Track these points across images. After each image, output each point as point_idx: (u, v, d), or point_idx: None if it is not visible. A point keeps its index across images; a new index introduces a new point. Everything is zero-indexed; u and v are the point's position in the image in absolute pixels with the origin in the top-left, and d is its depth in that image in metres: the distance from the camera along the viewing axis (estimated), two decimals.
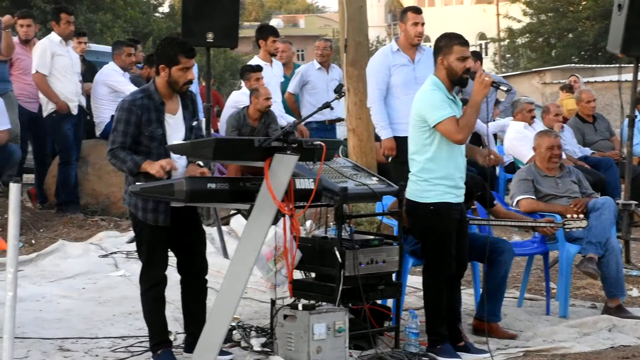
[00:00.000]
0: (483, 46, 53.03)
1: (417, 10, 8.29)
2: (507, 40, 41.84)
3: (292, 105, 11.74)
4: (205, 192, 5.67)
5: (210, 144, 5.66)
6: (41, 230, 9.68)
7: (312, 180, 5.98)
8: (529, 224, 7.28)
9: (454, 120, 6.12)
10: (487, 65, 45.29)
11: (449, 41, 6.27)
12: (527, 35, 39.16)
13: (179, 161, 5.90)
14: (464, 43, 6.27)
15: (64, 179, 10.42)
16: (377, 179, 6.74)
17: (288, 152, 5.76)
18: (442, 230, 6.20)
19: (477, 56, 13.00)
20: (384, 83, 8.37)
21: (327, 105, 6.17)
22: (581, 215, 7.06)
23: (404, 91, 8.24)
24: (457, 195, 6.25)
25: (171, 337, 6.12)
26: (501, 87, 6.50)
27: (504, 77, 30.42)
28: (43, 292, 7.75)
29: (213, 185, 5.71)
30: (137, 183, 5.73)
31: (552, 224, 7.05)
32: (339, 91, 6.27)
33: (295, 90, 11.78)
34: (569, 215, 7.06)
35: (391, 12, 64.93)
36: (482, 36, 52.78)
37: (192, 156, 5.84)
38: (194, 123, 6.03)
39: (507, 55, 45.09)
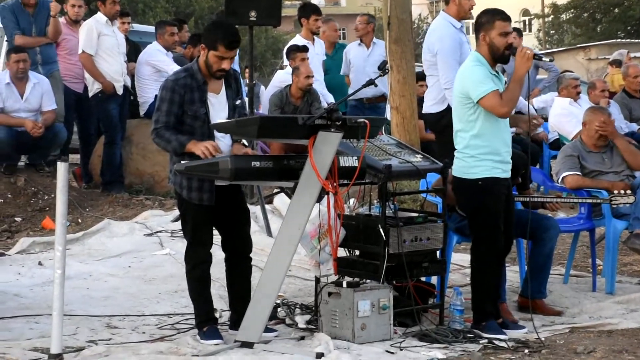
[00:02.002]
0: (527, 22, 52.50)
1: None
2: (552, 16, 41.44)
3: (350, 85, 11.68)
4: (250, 170, 5.74)
5: (255, 122, 5.72)
6: (87, 209, 9.76)
7: (356, 158, 6.02)
8: (575, 200, 7.24)
9: (498, 94, 6.09)
10: (531, 41, 44.85)
11: (491, 17, 6.23)
12: (572, 10, 38.82)
13: (223, 140, 5.92)
14: (506, 18, 6.23)
15: (108, 159, 10.50)
16: (422, 156, 6.74)
17: (332, 129, 5.81)
18: (491, 205, 6.17)
19: (518, 32, 12.91)
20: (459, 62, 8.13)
21: (370, 82, 6.16)
22: (628, 191, 7.00)
23: None
24: (504, 170, 6.22)
25: (216, 315, 6.17)
26: (543, 59, 6.47)
27: (548, 53, 30.21)
28: (90, 271, 7.85)
29: (257, 164, 5.77)
30: (182, 162, 5.78)
31: (598, 200, 7.01)
32: (382, 68, 6.23)
33: (345, 71, 11.75)
34: (615, 191, 7.01)
35: None
36: (525, 12, 52.19)
37: (236, 134, 5.87)
38: (237, 102, 6.03)
39: (552, 32, 44.59)
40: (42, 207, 9.60)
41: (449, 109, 7.76)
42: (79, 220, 9.46)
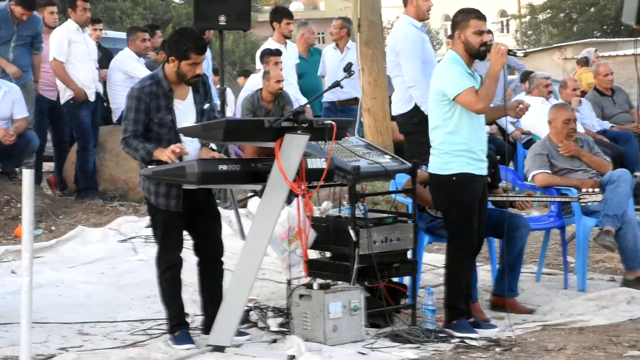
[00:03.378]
0: (504, 23, 52.72)
1: None
2: (529, 17, 41.64)
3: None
4: (217, 174, 5.74)
5: (221, 126, 5.72)
6: (60, 216, 9.70)
7: (324, 159, 6.02)
8: (543, 199, 7.27)
9: (473, 90, 6.12)
10: (509, 41, 45.00)
11: (466, 15, 6.27)
12: (549, 10, 38.99)
13: (191, 144, 5.91)
14: (481, 17, 6.27)
15: (82, 166, 10.45)
16: (390, 157, 6.78)
17: (299, 132, 5.82)
18: (465, 201, 6.20)
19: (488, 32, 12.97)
20: (421, 60, 8.11)
21: (336, 84, 6.18)
22: (597, 189, 7.03)
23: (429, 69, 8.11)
24: (479, 168, 6.24)
25: (188, 319, 6.15)
26: (518, 54, 6.53)
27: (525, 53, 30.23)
28: (63, 278, 7.80)
29: (225, 167, 5.78)
30: (149, 167, 5.78)
31: (567, 199, 7.05)
32: (348, 70, 6.25)
33: (322, 72, 11.75)
34: (584, 190, 7.04)
35: None
36: (503, 13, 52.41)
37: (203, 138, 5.86)
38: (206, 106, 6.01)
39: (529, 32, 44.78)
40: (15, 215, 9.53)
41: (416, 108, 7.83)
42: (52, 228, 9.41)
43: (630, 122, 11.53)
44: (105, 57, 11.43)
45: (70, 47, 10.33)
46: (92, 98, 10.46)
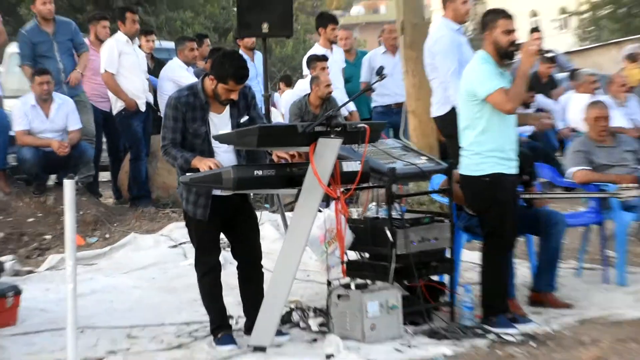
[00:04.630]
0: (565, 20, 52.16)
1: None
2: (589, 13, 41.20)
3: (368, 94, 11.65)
4: (252, 179, 5.85)
5: (254, 132, 5.81)
6: (115, 224, 9.89)
7: (358, 162, 6.10)
8: (580, 195, 7.29)
9: (504, 90, 6.16)
10: (570, 39, 44.58)
11: (495, 16, 6.33)
12: (609, 6, 38.57)
13: (225, 155, 6.01)
14: (508, 17, 6.31)
15: (135, 174, 10.66)
16: (427, 158, 6.83)
17: (332, 135, 5.89)
18: (500, 200, 6.24)
19: (536, 30, 13.02)
20: (457, 61, 8.07)
21: (368, 88, 6.28)
22: (635, 184, 7.04)
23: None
24: (510, 167, 6.28)
25: (232, 322, 6.28)
26: (547, 55, 6.52)
27: (584, 50, 30.01)
28: (115, 284, 7.98)
29: (260, 172, 5.88)
30: (187, 174, 5.92)
31: (604, 195, 7.07)
32: (379, 73, 6.35)
33: (366, 78, 11.68)
34: (622, 185, 7.05)
35: None
36: (563, 10, 51.86)
37: (237, 145, 5.96)
38: (244, 119, 6.05)
39: (591, 28, 44.24)
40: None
41: (453, 110, 7.87)
42: (107, 236, 9.59)
43: None
44: (158, 67, 11.60)
45: (120, 59, 10.54)
46: (142, 108, 10.69)
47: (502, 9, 6.45)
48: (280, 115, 13.15)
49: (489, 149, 6.23)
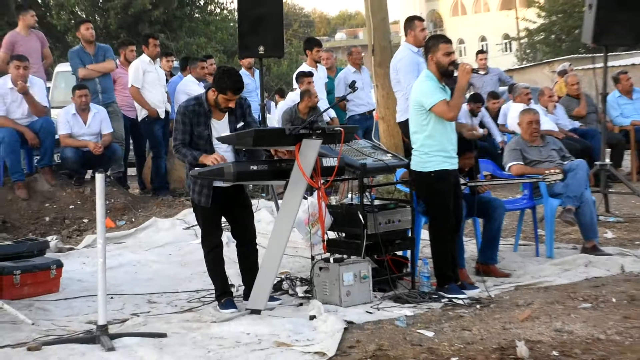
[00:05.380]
0: (507, 44, 52.27)
1: (420, 19, 8.22)
2: (526, 38, 41.34)
3: (342, 107, 11.53)
4: (249, 172, 5.80)
5: (250, 134, 5.76)
6: (140, 210, 9.81)
7: (335, 158, 6.05)
8: (513, 181, 7.28)
9: (446, 102, 6.10)
10: (511, 59, 44.64)
11: (436, 41, 6.25)
12: (542, 33, 38.74)
13: (226, 153, 5.94)
14: (448, 41, 6.25)
15: (156, 170, 10.62)
16: (392, 155, 6.76)
17: (313, 137, 5.84)
18: (442, 191, 6.18)
19: (480, 52, 13.00)
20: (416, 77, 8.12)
21: (343, 98, 6.23)
22: (557, 170, 6.98)
23: None
24: (452, 164, 6.22)
25: (233, 289, 6.22)
26: (479, 72, 6.46)
27: (522, 68, 30.00)
28: (139, 259, 7.92)
29: (255, 167, 5.83)
30: (196, 168, 5.85)
31: (534, 180, 7.06)
32: (352, 86, 6.29)
33: (342, 93, 11.60)
34: (546, 171, 7.00)
35: (432, 22, 64.12)
36: (506, 36, 51.97)
37: (237, 145, 5.90)
38: (240, 124, 5.98)
39: (528, 51, 44.32)
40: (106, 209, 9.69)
41: None
42: (132, 220, 9.51)
43: (597, 122, 11.41)
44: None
45: (144, 76, 10.50)
46: (162, 115, 10.64)
47: (442, 34, 6.43)
48: (275, 121, 13.07)
49: (434, 149, 6.16)
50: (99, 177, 5.34)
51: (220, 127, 5.95)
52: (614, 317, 5.31)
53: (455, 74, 6.19)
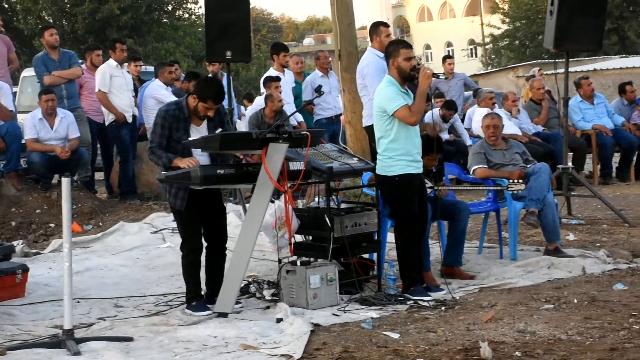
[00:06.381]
0: (473, 49, 52.67)
1: (385, 25, 8.26)
2: (491, 44, 41.68)
3: (310, 111, 11.47)
4: (216, 176, 5.78)
5: (217, 138, 5.74)
6: (107, 214, 9.74)
7: (302, 162, 6.05)
8: (479, 188, 7.32)
9: (408, 107, 6.11)
10: (476, 64, 45.00)
11: (396, 46, 6.26)
12: (506, 39, 39.09)
13: (201, 158, 5.92)
14: (408, 46, 6.27)
15: (123, 174, 10.53)
16: (358, 158, 6.79)
17: (280, 141, 5.84)
18: (406, 195, 6.19)
19: (448, 57, 13.14)
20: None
21: (309, 102, 6.23)
22: (520, 180, 7.07)
23: None
24: (416, 168, 6.23)
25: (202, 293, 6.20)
26: (440, 77, 6.48)
27: (487, 73, 30.23)
28: (106, 263, 7.84)
29: (222, 171, 5.81)
30: (162, 172, 5.83)
31: (498, 188, 7.11)
32: (318, 91, 6.30)
33: (309, 97, 11.60)
34: (510, 181, 7.07)
35: (399, 27, 64.44)
36: (471, 42, 52.37)
37: (204, 149, 5.87)
38: (218, 131, 5.97)
39: (493, 56, 44.70)
40: (72, 213, 9.61)
41: None
42: (100, 224, 9.43)
43: (560, 126, 11.53)
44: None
45: (111, 80, 10.42)
46: (129, 120, 10.55)
47: (402, 40, 6.47)
48: (244, 125, 13.03)
49: (398, 153, 6.16)
50: (65, 181, 5.30)
51: (198, 133, 5.93)
52: (576, 317, 5.37)
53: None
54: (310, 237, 6.49)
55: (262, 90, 11.17)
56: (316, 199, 7.62)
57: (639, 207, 9.71)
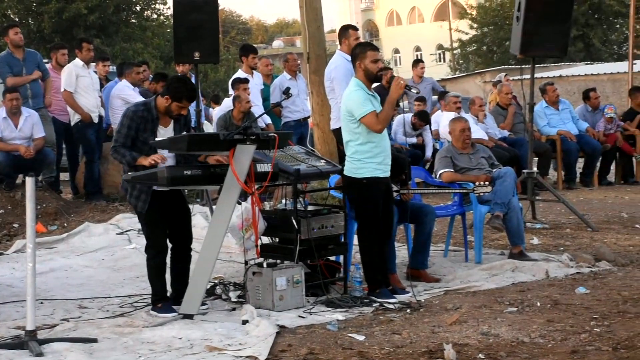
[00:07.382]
0: (441, 54, 52.99)
1: (354, 28, 8.27)
2: (459, 49, 41.98)
3: (278, 113, 11.51)
4: (183, 177, 5.75)
5: (185, 139, 5.73)
6: (72, 215, 9.66)
7: (269, 164, 6.05)
8: (446, 191, 7.37)
9: (375, 114, 6.10)
10: (444, 69, 45.26)
11: (363, 48, 6.27)
12: (474, 44, 39.40)
13: (169, 159, 5.91)
14: (375, 48, 6.29)
15: (89, 174, 10.46)
16: (325, 161, 6.79)
17: (247, 142, 5.83)
18: (373, 198, 6.19)
19: (419, 61, 13.23)
20: None
21: (277, 104, 6.24)
22: (487, 183, 7.12)
23: None
24: (384, 171, 6.24)
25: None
26: (412, 91, 6.45)
27: (455, 78, 30.43)
28: (71, 264, 7.78)
29: (189, 172, 5.79)
30: (129, 173, 5.80)
31: (464, 191, 7.16)
32: (286, 93, 6.30)
33: (277, 99, 11.58)
34: (477, 183, 7.13)
35: (368, 31, 64.68)
36: (440, 47, 52.68)
37: (170, 150, 5.85)
38: (184, 133, 5.97)
39: (461, 61, 45.03)
40: (37, 214, 9.52)
41: None
42: (65, 225, 9.35)
43: (524, 131, 11.64)
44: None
45: (77, 80, 10.33)
46: (95, 120, 10.49)
47: (368, 42, 6.45)
48: (211, 127, 13.01)
49: (367, 156, 6.16)
50: (29, 181, 5.25)
51: (165, 133, 5.90)
52: (538, 320, 5.43)
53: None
54: (277, 239, 6.48)
55: (231, 91, 11.17)
56: (283, 201, 7.62)
57: (602, 212, 9.84)
